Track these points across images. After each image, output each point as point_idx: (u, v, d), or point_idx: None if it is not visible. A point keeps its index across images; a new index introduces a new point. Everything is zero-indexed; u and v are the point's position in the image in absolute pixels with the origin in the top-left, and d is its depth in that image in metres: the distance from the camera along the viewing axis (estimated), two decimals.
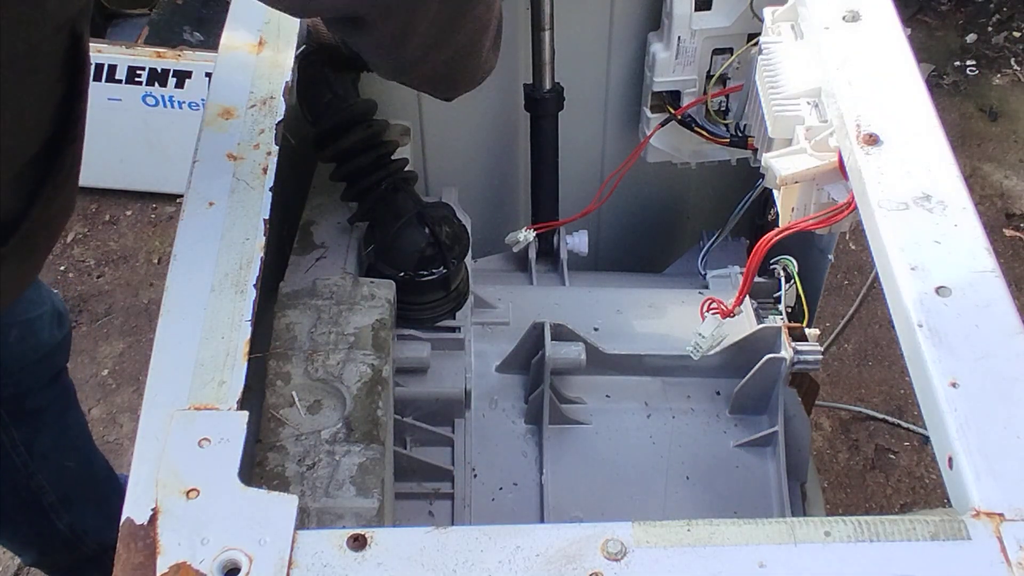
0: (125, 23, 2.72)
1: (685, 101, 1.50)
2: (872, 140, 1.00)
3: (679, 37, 1.44)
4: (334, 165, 1.20)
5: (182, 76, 2.48)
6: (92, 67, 1.09)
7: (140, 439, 0.82)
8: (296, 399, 0.98)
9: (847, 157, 1.01)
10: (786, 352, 1.20)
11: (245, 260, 0.94)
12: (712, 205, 1.67)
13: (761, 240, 1.09)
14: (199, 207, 0.99)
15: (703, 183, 1.69)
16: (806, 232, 1.07)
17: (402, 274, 1.17)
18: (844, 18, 1.12)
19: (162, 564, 0.74)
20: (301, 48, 1.20)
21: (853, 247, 2.52)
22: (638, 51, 1.53)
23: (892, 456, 2.28)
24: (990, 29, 3.22)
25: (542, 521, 1.19)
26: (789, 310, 1.33)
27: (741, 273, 1.38)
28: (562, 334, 1.23)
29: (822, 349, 1.22)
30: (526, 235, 1.52)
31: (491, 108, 1.61)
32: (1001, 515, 0.76)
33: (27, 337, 1.40)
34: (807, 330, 1.24)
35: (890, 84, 1.05)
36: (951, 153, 0.99)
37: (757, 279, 1.28)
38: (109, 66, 2.46)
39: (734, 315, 1.21)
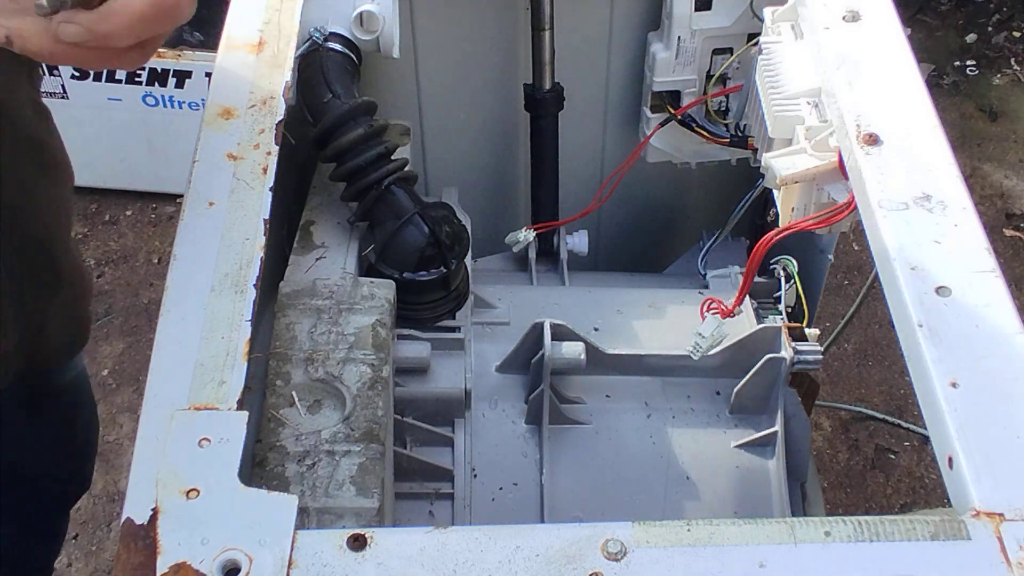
0: None
1: (685, 101, 1.50)
2: (872, 140, 1.00)
3: (679, 37, 1.44)
4: (334, 165, 1.20)
5: (182, 76, 2.48)
6: None
7: (140, 439, 0.82)
8: (296, 399, 0.98)
9: (847, 157, 1.02)
10: (786, 352, 1.20)
11: (245, 260, 0.94)
12: (712, 205, 1.68)
13: (761, 240, 1.09)
14: (199, 207, 0.99)
15: (703, 183, 1.69)
16: (806, 232, 1.07)
17: (402, 274, 1.17)
18: (844, 18, 1.12)
19: (162, 564, 0.74)
20: (301, 48, 1.20)
21: (855, 247, 2.53)
22: (638, 51, 1.53)
23: (892, 456, 2.28)
24: (990, 29, 3.22)
25: (542, 521, 1.19)
26: (789, 310, 1.33)
27: (741, 273, 1.38)
28: (562, 334, 1.23)
29: (822, 349, 1.22)
30: (526, 235, 1.52)
31: (491, 108, 1.61)
32: (1001, 515, 0.76)
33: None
34: (807, 330, 1.24)
35: (890, 84, 1.06)
36: (951, 153, 0.99)
37: (757, 279, 1.28)
38: None
39: (734, 315, 1.21)
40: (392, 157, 1.19)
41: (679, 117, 1.49)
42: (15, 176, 1.09)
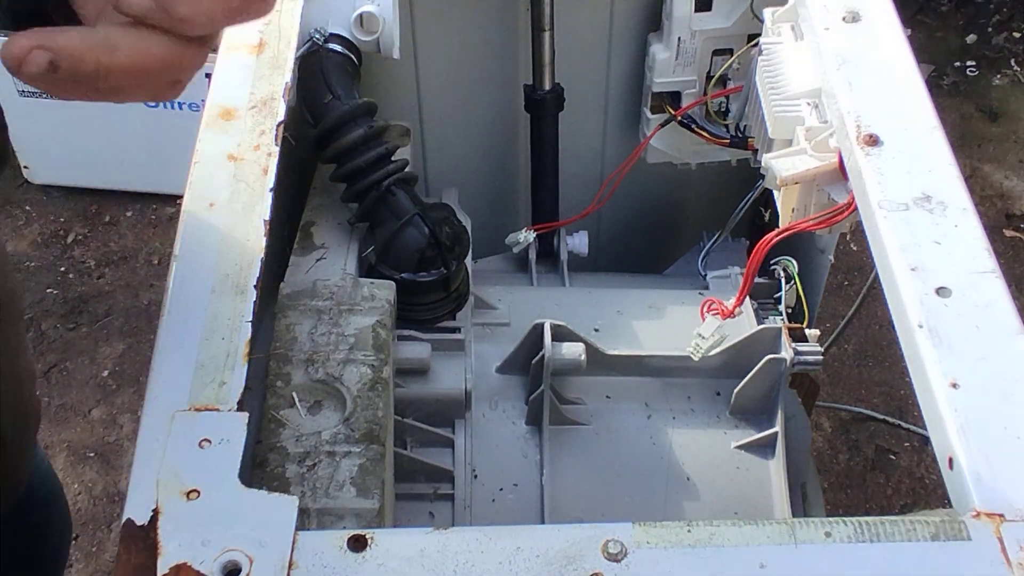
0: None
1: (685, 102, 1.50)
2: (872, 140, 1.00)
3: (679, 38, 1.44)
4: (334, 166, 1.20)
5: None
6: None
7: (140, 440, 0.82)
8: (296, 400, 0.98)
9: (847, 158, 1.02)
10: (786, 353, 1.20)
11: (245, 261, 0.94)
12: (712, 205, 1.67)
13: (761, 241, 1.09)
14: (199, 208, 0.99)
15: (703, 184, 1.69)
16: (806, 233, 1.07)
17: (402, 275, 1.17)
18: (844, 18, 1.12)
19: (163, 565, 0.74)
20: (301, 49, 1.20)
21: (854, 247, 2.52)
22: (638, 51, 1.53)
23: (892, 457, 2.28)
24: (990, 30, 3.22)
25: (543, 522, 1.19)
26: (789, 311, 1.33)
27: (741, 274, 1.38)
28: (562, 335, 1.23)
29: (822, 350, 1.22)
30: (526, 236, 1.52)
31: (491, 108, 1.61)
32: (1001, 515, 0.76)
33: None
34: (807, 331, 1.24)
35: (890, 84, 1.06)
36: (951, 153, 0.99)
37: (757, 280, 1.28)
38: None
39: (734, 316, 1.21)
40: (392, 158, 1.19)
41: (679, 118, 1.49)
42: None
